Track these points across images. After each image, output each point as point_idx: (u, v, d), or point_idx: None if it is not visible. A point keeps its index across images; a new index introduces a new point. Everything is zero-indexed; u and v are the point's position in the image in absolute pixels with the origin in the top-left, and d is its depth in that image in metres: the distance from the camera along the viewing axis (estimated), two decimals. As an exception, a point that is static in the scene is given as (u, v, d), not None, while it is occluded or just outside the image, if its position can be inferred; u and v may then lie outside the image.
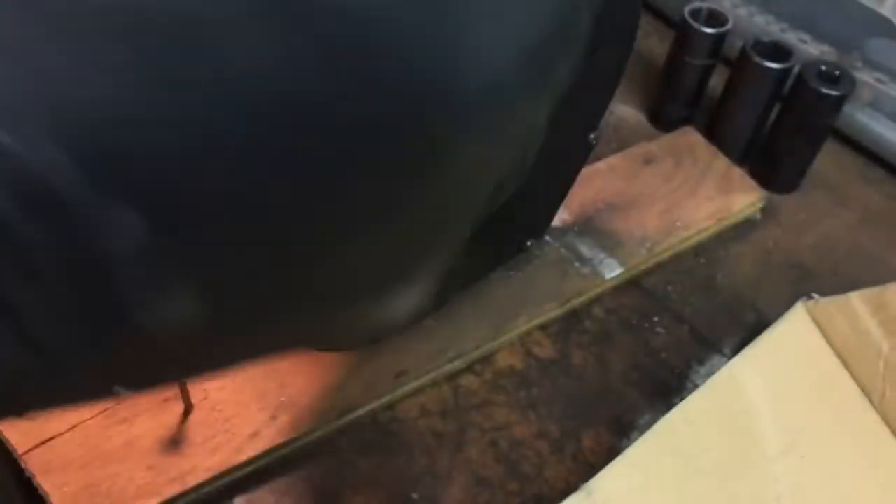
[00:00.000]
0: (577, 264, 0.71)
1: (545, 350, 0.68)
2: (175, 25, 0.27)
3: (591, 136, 0.65)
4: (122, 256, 0.26)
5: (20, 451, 0.54)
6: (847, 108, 0.83)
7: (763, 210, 0.81)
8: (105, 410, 0.57)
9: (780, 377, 0.63)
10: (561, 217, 0.74)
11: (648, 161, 0.81)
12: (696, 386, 0.65)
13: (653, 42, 0.98)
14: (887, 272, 0.77)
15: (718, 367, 0.65)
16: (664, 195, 0.78)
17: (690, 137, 0.84)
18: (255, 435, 0.57)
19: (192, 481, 0.55)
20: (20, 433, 0.55)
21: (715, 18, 0.81)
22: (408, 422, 0.62)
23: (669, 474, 0.57)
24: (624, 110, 0.90)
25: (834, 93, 0.76)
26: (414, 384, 0.63)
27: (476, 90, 0.36)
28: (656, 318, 0.71)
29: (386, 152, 0.33)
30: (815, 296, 0.67)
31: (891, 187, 0.87)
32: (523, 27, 0.39)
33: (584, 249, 0.73)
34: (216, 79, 0.28)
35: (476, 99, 0.36)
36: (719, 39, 0.81)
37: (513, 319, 0.67)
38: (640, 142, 0.84)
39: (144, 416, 0.57)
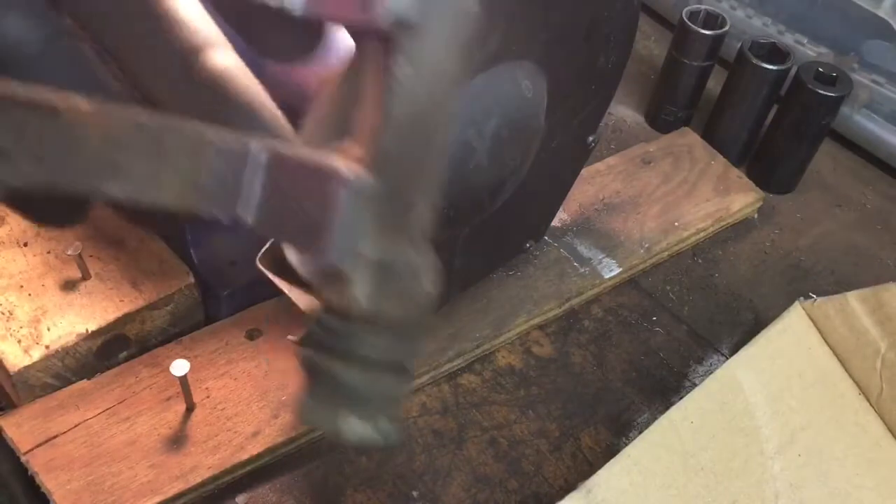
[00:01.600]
0: (575, 264, 0.72)
1: (544, 349, 0.68)
2: None
3: (590, 138, 0.65)
4: None
5: (23, 450, 0.55)
6: (844, 110, 0.83)
7: (760, 210, 0.82)
8: (108, 409, 0.57)
9: (777, 376, 0.63)
10: (560, 217, 0.74)
11: (647, 162, 0.81)
12: (694, 385, 0.66)
13: (651, 44, 0.99)
14: (884, 272, 0.78)
15: (716, 367, 0.65)
16: (662, 196, 0.78)
17: (688, 138, 0.84)
18: (256, 433, 0.58)
19: (193, 479, 0.55)
20: (23, 431, 0.55)
21: (713, 20, 0.82)
22: (408, 420, 0.62)
23: (668, 473, 0.57)
24: (622, 111, 0.90)
25: (831, 94, 0.76)
26: (414, 383, 0.63)
27: None
28: (655, 318, 0.71)
29: None
30: (813, 295, 0.68)
31: (887, 187, 0.87)
32: None
33: (583, 250, 0.73)
34: None
35: None
36: (717, 41, 0.82)
37: (512, 319, 0.67)
38: (638, 143, 0.84)
39: (146, 414, 0.58)
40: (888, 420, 0.62)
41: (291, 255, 0.49)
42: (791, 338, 0.65)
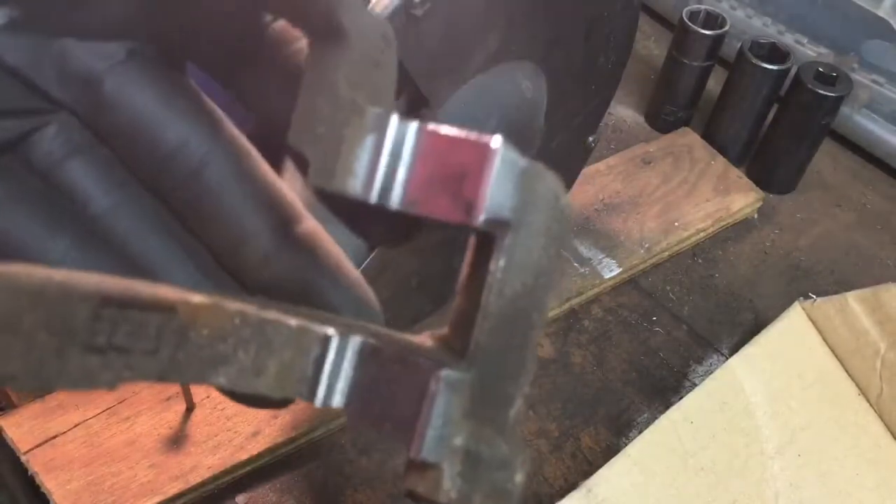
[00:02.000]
0: (575, 264, 0.72)
1: (544, 349, 0.68)
2: None
3: (590, 138, 0.65)
4: None
5: (23, 450, 0.55)
6: (844, 110, 0.83)
7: (760, 210, 0.81)
8: (108, 409, 0.57)
9: (777, 376, 0.63)
10: (560, 217, 0.74)
11: (647, 162, 0.81)
12: (694, 385, 0.66)
13: (651, 44, 0.99)
14: (884, 272, 0.78)
15: (716, 367, 0.65)
16: (662, 196, 0.78)
17: (688, 138, 0.84)
18: (256, 433, 0.58)
19: (193, 479, 0.55)
20: (24, 431, 0.55)
21: (713, 20, 0.82)
22: (408, 420, 0.62)
23: (668, 472, 0.57)
24: (622, 111, 0.90)
25: (831, 94, 0.76)
26: None
27: None
28: (655, 318, 0.71)
29: None
30: (812, 296, 0.68)
31: (887, 188, 0.87)
32: None
33: (583, 249, 0.73)
34: None
35: None
36: (717, 41, 0.82)
37: (512, 319, 0.67)
38: (638, 143, 0.84)
39: (146, 414, 0.57)
40: (888, 420, 0.62)
41: None
42: (791, 338, 0.65)
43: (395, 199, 0.27)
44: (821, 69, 0.77)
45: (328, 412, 0.60)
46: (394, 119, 0.26)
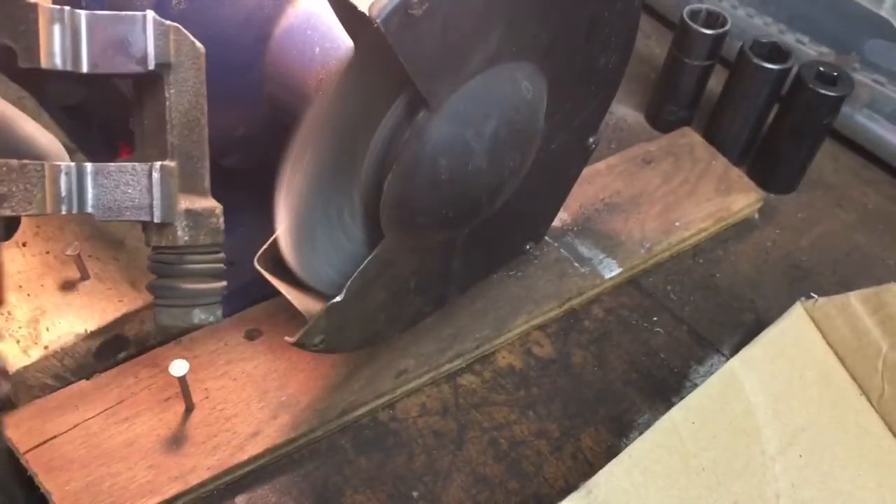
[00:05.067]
0: (576, 264, 0.71)
1: (545, 350, 0.68)
2: None
3: (591, 140, 0.65)
4: None
5: (22, 450, 0.55)
6: (845, 109, 0.83)
7: (761, 210, 0.81)
8: (107, 410, 0.57)
9: (778, 376, 0.63)
10: (560, 217, 0.74)
11: (647, 161, 0.81)
12: (695, 385, 0.66)
13: (652, 43, 0.99)
14: (885, 272, 0.78)
15: (717, 367, 0.65)
16: (663, 196, 0.78)
17: (689, 138, 0.84)
18: (255, 434, 0.58)
19: (193, 480, 0.55)
20: (22, 432, 0.55)
21: (714, 19, 0.81)
22: (408, 421, 0.62)
23: (669, 473, 0.57)
24: (623, 111, 0.90)
25: (832, 93, 0.76)
26: (414, 383, 0.63)
27: None
28: (655, 318, 0.71)
29: None
30: (814, 296, 0.67)
31: (889, 187, 0.87)
32: None
33: (584, 249, 0.73)
34: None
35: None
36: (718, 40, 0.81)
37: (512, 319, 0.67)
38: (639, 142, 0.84)
39: (146, 415, 0.57)
40: (889, 421, 0.62)
41: (288, 256, 0.49)
42: (792, 338, 0.65)
43: (84, 65, 0.42)
44: (822, 69, 0.77)
45: (328, 413, 0.60)
46: (67, 9, 0.41)
